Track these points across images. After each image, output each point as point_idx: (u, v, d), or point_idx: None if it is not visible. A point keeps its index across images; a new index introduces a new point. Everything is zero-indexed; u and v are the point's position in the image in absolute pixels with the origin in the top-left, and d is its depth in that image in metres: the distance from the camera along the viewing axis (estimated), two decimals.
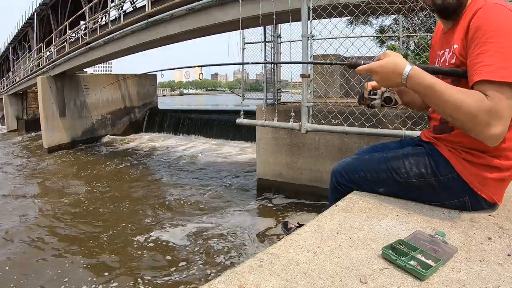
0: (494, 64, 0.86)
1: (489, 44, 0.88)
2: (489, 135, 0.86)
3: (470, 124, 0.88)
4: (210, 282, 0.74)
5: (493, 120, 0.85)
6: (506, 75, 0.85)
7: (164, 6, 7.32)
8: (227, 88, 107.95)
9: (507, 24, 0.88)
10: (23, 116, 20.77)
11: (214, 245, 4.57)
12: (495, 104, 0.85)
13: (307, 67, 3.53)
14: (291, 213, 5.51)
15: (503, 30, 0.87)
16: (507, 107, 0.85)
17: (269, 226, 5.11)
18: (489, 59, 0.87)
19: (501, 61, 0.85)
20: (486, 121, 0.85)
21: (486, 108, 0.85)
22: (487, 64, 0.87)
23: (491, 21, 0.89)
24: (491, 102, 0.85)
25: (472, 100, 0.86)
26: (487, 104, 0.85)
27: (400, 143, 1.36)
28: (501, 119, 0.85)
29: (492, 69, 0.86)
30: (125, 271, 4.07)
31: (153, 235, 4.98)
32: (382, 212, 1.09)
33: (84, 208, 6.42)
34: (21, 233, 5.35)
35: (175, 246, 4.62)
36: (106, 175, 9.00)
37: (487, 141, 0.89)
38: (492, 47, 0.87)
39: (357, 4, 3.64)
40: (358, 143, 5.11)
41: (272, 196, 6.19)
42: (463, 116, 0.88)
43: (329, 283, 0.73)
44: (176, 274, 3.95)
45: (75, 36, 12.98)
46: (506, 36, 0.87)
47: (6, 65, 27.83)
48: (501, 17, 0.89)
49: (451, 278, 0.74)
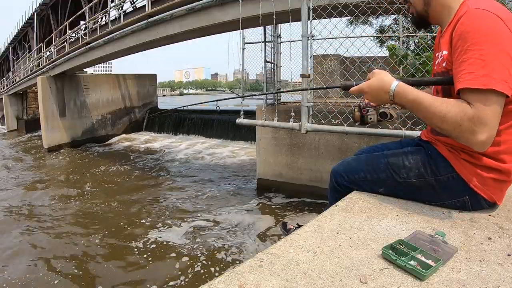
0: (475, 71, 0.87)
1: (470, 51, 0.89)
2: (475, 141, 0.88)
3: (456, 133, 0.90)
4: (210, 282, 0.74)
5: (477, 128, 0.86)
6: (487, 82, 0.85)
7: (164, 6, 7.32)
8: (227, 88, 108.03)
9: (488, 29, 0.88)
10: (23, 116, 20.78)
11: (213, 244, 4.57)
12: (478, 111, 0.86)
13: (307, 67, 3.53)
14: (291, 213, 5.51)
15: (484, 36, 0.88)
16: (491, 113, 0.86)
17: (269, 226, 5.11)
18: (470, 67, 0.88)
19: (482, 69, 0.86)
20: (471, 129, 0.87)
21: (469, 116, 0.87)
22: (468, 72, 0.88)
23: (472, 28, 0.90)
24: (474, 110, 0.87)
25: (456, 109, 0.89)
26: (470, 112, 0.87)
27: (400, 143, 1.36)
28: (486, 125, 0.86)
29: (473, 77, 0.87)
30: (123, 272, 4.07)
31: (153, 234, 4.98)
32: (382, 212, 1.09)
33: (84, 208, 6.41)
34: (17, 233, 5.35)
35: (175, 245, 4.62)
36: (105, 175, 9.00)
37: (474, 147, 0.91)
38: (474, 55, 0.88)
39: (357, 4, 3.64)
40: (358, 143, 5.12)
41: (272, 196, 6.19)
42: (449, 125, 0.90)
43: (329, 283, 0.73)
44: (176, 274, 3.95)
45: (75, 36, 12.99)
46: (487, 43, 0.87)
47: (6, 65, 27.85)
48: (482, 22, 0.89)
49: (451, 278, 0.74)
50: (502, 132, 0.99)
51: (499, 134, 0.97)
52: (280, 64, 6.30)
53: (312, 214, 5.19)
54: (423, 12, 1.10)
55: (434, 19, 1.10)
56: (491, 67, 0.86)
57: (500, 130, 0.96)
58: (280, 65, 6.31)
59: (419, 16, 1.12)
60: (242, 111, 4.39)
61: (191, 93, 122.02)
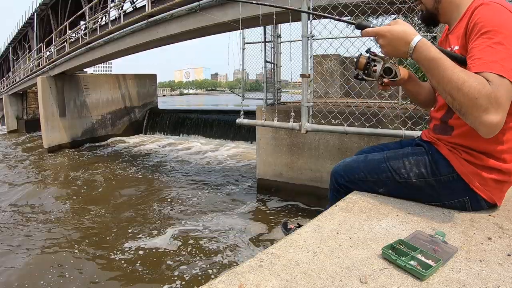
0: (496, 60, 0.86)
1: (484, 38, 0.89)
2: (485, 121, 0.84)
3: (469, 107, 0.85)
4: (210, 282, 0.74)
5: (492, 107, 0.83)
6: (505, 70, 0.85)
7: (164, 6, 7.31)
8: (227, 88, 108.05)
9: (504, 21, 0.89)
10: (23, 116, 20.78)
11: (213, 244, 4.57)
12: (497, 90, 0.83)
13: (307, 67, 3.53)
14: (291, 213, 5.51)
15: (500, 27, 0.89)
16: (506, 96, 0.85)
17: (269, 226, 5.11)
18: (488, 53, 0.87)
19: (492, 56, 0.86)
20: (485, 106, 0.83)
21: (487, 92, 0.83)
22: (478, 57, 0.88)
23: (486, 17, 0.91)
24: (493, 87, 0.83)
25: (475, 82, 0.84)
26: (488, 89, 0.83)
27: (400, 144, 1.36)
28: (500, 107, 0.83)
29: (496, 64, 0.86)
30: (119, 273, 4.07)
31: (153, 234, 4.98)
32: (382, 212, 1.09)
33: (83, 208, 6.41)
34: (14, 234, 5.35)
35: (175, 245, 4.62)
36: (105, 175, 8.99)
37: (481, 129, 0.86)
38: (491, 42, 0.88)
39: (357, 4, 3.64)
40: (358, 143, 5.11)
41: (272, 196, 6.19)
42: (463, 96, 0.85)
43: (329, 283, 0.73)
44: (176, 273, 3.95)
45: (75, 36, 12.99)
46: (503, 33, 0.88)
47: (6, 65, 27.86)
48: (496, 14, 0.91)
49: (451, 278, 0.74)
50: (505, 131, 0.98)
51: (503, 132, 0.97)
52: (280, 64, 6.30)
53: (312, 214, 5.19)
54: (433, 9, 1.10)
55: (443, 16, 1.10)
56: (506, 55, 0.86)
57: (504, 129, 0.94)
58: (280, 65, 6.31)
59: (429, 14, 1.12)
60: (242, 111, 4.38)
61: (191, 93, 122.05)
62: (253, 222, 5.31)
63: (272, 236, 4.78)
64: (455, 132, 1.06)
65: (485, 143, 1.00)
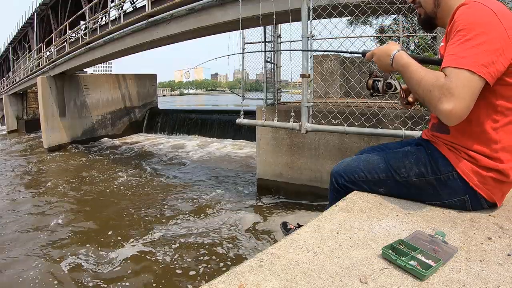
0: (457, 53, 0.92)
1: (458, 36, 0.94)
2: (440, 109, 0.91)
3: (427, 99, 0.94)
4: (210, 282, 0.74)
5: (444, 97, 0.90)
6: (465, 63, 0.90)
7: (164, 6, 7.32)
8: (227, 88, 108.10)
9: (480, 19, 0.93)
10: (23, 116, 20.78)
11: (213, 244, 4.57)
12: (449, 82, 0.90)
13: (307, 67, 3.53)
14: (291, 213, 5.51)
15: (473, 25, 0.92)
16: (461, 86, 0.89)
17: (269, 226, 5.10)
18: (454, 49, 0.93)
19: (464, 52, 0.91)
20: (438, 97, 0.91)
21: (440, 84, 0.91)
22: (451, 53, 0.93)
23: (462, 17, 0.95)
24: (446, 80, 0.91)
25: (431, 77, 0.94)
26: (441, 81, 0.91)
27: (400, 143, 1.36)
28: (452, 96, 0.89)
29: (454, 58, 0.92)
30: (119, 273, 4.07)
31: (153, 234, 4.98)
32: (382, 212, 1.09)
33: (83, 208, 6.42)
34: (12, 231, 5.35)
35: (175, 245, 4.62)
36: (105, 175, 8.99)
37: (440, 117, 0.93)
38: (461, 39, 0.93)
39: (357, 4, 3.64)
40: (358, 143, 5.11)
41: (272, 196, 6.19)
42: (422, 91, 0.95)
43: (329, 283, 0.73)
44: (175, 273, 3.95)
45: (75, 36, 12.98)
46: (475, 31, 0.92)
47: (6, 65, 27.87)
48: (475, 13, 0.94)
49: (451, 278, 0.74)
50: (497, 130, 1.00)
51: (495, 132, 1.00)
52: (280, 64, 6.30)
53: (312, 214, 5.19)
54: (432, 13, 1.13)
55: (440, 20, 1.12)
56: (473, 51, 0.90)
57: (495, 128, 1.00)
58: (280, 65, 6.31)
59: (427, 17, 1.15)
60: (242, 111, 4.38)
61: (191, 93, 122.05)
62: (253, 222, 5.30)
63: (272, 236, 4.78)
64: (453, 132, 1.07)
65: (479, 141, 1.03)
